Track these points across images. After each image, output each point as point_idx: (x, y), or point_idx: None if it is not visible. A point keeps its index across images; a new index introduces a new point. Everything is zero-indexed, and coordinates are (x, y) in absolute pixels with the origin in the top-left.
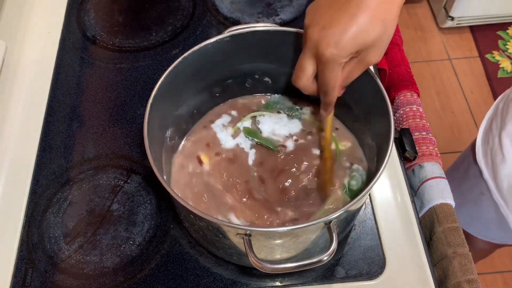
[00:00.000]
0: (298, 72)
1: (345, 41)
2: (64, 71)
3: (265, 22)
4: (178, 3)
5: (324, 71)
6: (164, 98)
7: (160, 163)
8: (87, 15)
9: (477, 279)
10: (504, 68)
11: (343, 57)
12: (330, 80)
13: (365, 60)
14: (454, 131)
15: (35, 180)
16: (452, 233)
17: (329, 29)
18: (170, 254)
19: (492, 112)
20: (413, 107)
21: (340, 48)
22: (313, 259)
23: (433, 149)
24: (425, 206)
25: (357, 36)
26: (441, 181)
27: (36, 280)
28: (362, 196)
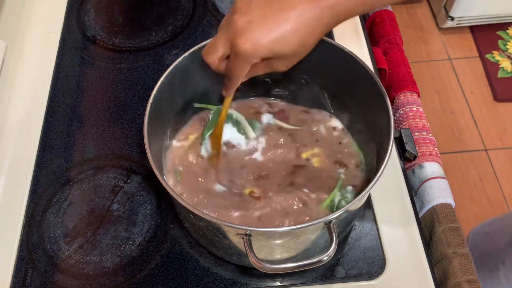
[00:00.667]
0: (209, 49)
1: (262, 45)
2: (64, 71)
3: None
4: (178, 3)
5: (234, 61)
6: (164, 98)
7: (160, 163)
8: (87, 15)
9: (477, 279)
10: (504, 68)
11: (255, 58)
12: (236, 72)
13: (272, 66)
14: (454, 131)
15: (35, 180)
16: (452, 233)
17: (255, 26)
18: (170, 254)
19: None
20: (413, 107)
21: (256, 49)
22: (313, 259)
23: (433, 149)
24: (425, 206)
25: (274, 45)
26: (441, 181)
27: (36, 280)
28: (362, 196)
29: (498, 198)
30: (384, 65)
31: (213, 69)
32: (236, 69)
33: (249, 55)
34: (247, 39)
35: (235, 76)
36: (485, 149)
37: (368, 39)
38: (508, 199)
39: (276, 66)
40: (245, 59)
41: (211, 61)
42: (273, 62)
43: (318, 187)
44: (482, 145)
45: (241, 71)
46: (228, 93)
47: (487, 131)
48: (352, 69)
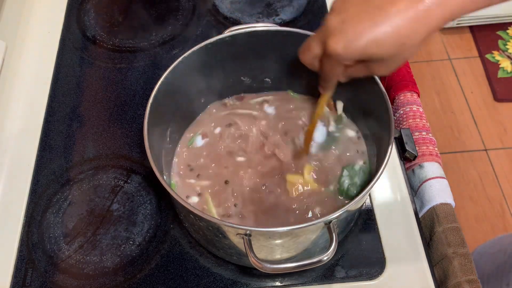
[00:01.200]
0: (304, 49)
1: (354, 47)
2: (64, 71)
3: (265, 22)
4: (178, 3)
5: (325, 62)
6: (164, 98)
7: (160, 163)
8: (87, 15)
9: (477, 279)
10: (504, 68)
11: (346, 59)
12: (328, 72)
13: (370, 69)
14: (454, 131)
15: (35, 180)
16: (452, 233)
17: (348, 26)
18: (170, 254)
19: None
20: (413, 107)
21: (347, 51)
22: (313, 259)
23: (433, 149)
24: (425, 206)
25: (368, 47)
26: (441, 181)
27: (36, 280)
28: (362, 196)
29: (498, 198)
30: None
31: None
32: (327, 70)
33: (339, 56)
34: (339, 40)
35: (328, 76)
36: (485, 149)
37: None
38: (508, 199)
39: (376, 69)
40: (336, 60)
41: (305, 60)
42: (371, 65)
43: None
44: (482, 145)
45: (333, 72)
46: (324, 91)
47: (487, 131)
48: None
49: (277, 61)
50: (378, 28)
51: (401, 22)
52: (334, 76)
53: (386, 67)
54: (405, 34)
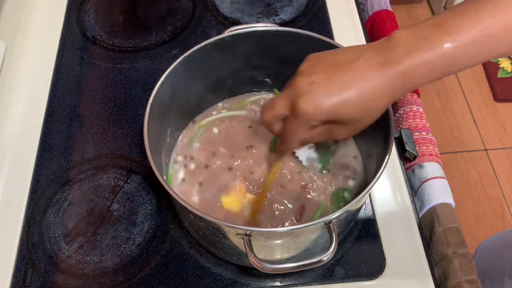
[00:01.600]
0: (268, 108)
1: (324, 107)
2: (64, 71)
3: (265, 22)
4: (178, 3)
5: (292, 122)
6: (164, 98)
7: (160, 163)
8: (87, 15)
9: (477, 279)
10: (504, 68)
11: (315, 120)
12: (293, 133)
13: (332, 132)
14: (454, 131)
15: (35, 180)
16: (452, 233)
17: (317, 87)
18: (170, 254)
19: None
20: (413, 107)
21: (317, 111)
22: (313, 259)
23: (433, 149)
24: (425, 206)
25: (337, 108)
26: (441, 181)
27: (36, 280)
28: (362, 196)
29: (498, 198)
30: None
31: (268, 130)
32: (293, 131)
33: (309, 116)
34: (309, 100)
35: (291, 138)
36: (485, 149)
37: (368, 39)
38: (508, 199)
39: (337, 133)
40: (305, 120)
41: (268, 120)
42: (334, 129)
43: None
44: (482, 145)
45: (298, 133)
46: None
47: (487, 131)
48: None
49: (277, 61)
50: (347, 91)
51: (368, 88)
52: (297, 138)
53: (348, 130)
54: (371, 99)
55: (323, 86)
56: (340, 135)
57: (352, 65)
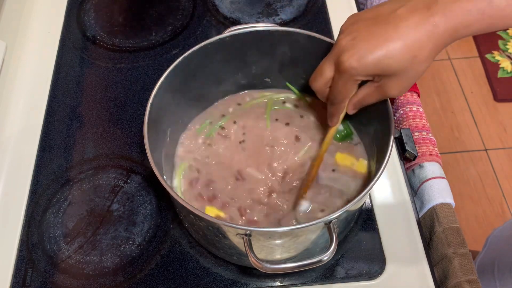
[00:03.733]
0: (316, 74)
1: (368, 60)
2: (64, 71)
3: (265, 22)
4: (178, 3)
5: (338, 80)
6: (164, 98)
7: (160, 163)
8: (87, 15)
9: (477, 279)
10: (504, 68)
11: (360, 74)
12: (340, 91)
13: (383, 88)
14: (454, 131)
15: (35, 180)
16: (452, 233)
17: (359, 42)
18: (170, 254)
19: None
20: (413, 107)
21: (361, 64)
22: (313, 259)
23: (433, 149)
24: (425, 206)
25: (382, 59)
26: (441, 181)
27: (36, 280)
28: (362, 196)
29: (498, 198)
30: None
31: (320, 97)
32: (339, 89)
33: (353, 70)
34: (352, 55)
35: (338, 98)
36: (485, 149)
37: None
38: (508, 199)
39: (388, 88)
40: (349, 75)
41: (318, 87)
42: (384, 85)
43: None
44: (482, 145)
45: (344, 91)
46: (333, 121)
47: (487, 131)
48: None
49: (277, 61)
50: (390, 42)
51: (412, 36)
52: (345, 97)
53: (399, 83)
54: (416, 47)
55: (365, 40)
56: (392, 90)
57: (393, 15)
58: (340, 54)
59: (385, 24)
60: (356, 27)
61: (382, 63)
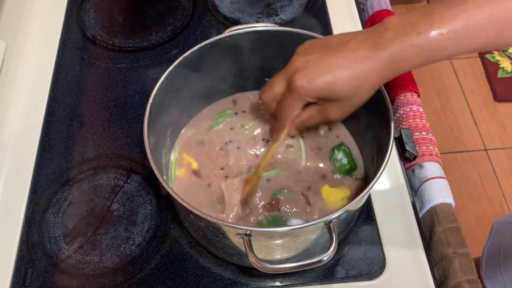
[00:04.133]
0: (266, 88)
1: (318, 83)
2: (64, 71)
3: (265, 22)
4: (178, 3)
5: (286, 98)
6: (164, 98)
7: (160, 163)
8: (87, 15)
9: (477, 279)
10: (504, 68)
11: (308, 95)
12: (286, 108)
13: (326, 111)
14: (454, 131)
15: (35, 180)
16: (452, 233)
17: (312, 64)
18: (170, 254)
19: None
20: (413, 107)
21: (311, 86)
22: (313, 259)
23: (433, 149)
24: (425, 206)
25: (330, 84)
26: (441, 181)
27: (36, 280)
28: (362, 196)
29: (498, 198)
30: None
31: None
32: (286, 106)
33: (303, 90)
34: (303, 75)
35: (284, 114)
36: (485, 149)
37: None
38: (508, 199)
39: (330, 112)
40: (299, 95)
41: (266, 100)
42: (327, 108)
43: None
44: (482, 145)
45: (291, 109)
46: (274, 137)
47: (487, 131)
48: None
49: (277, 61)
50: (339, 69)
51: (359, 68)
52: (291, 114)
53: (341, 109)
54: (361, 78)
55: (316, 64)
56: (333, 114)
57: (345, 46)
58: (293, 74)
59: (336, 52)
60: (311, 50)
61: (330, 87)
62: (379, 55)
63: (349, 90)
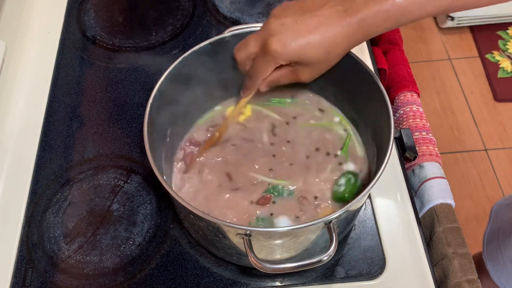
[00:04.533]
0: (241, 46)
1: (291, 47)
2: (64, 71)
3: None
4: (178, 3)
5: (260, 58)
6: (164, 98)
7: (160, 163)
8: (87, 15)
9: (477, 279)
10: (504, 68)
11: (281, 58)
12: (259, 69)
13: (296, 73)
14: (454, 131)
15: (35, 180)
16: (452, 233)
17: (287, 27)
18: (170, 254)
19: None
20: (413, 107)
21: (284, 50)
22: (313, 259)
23: (433, 149)
24: (425, 206)
25: (302, 49)
26: (441, 181)
27: (36, 280)
28: (362, 196)
29: (498, 198)
30: (384, 65)
31: (240, 68)
32: (261, 68)
33: (276, 54)
34: (278, 39)
35: (257, 75)
36: (485, 149)
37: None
38: None
39: (301, 74)
40: (272, 58)
41: (240, 58)
42: (298, 70)
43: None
44: (482, 145)
45: (265, 69)
46: (246, 93)
47: (487, 131)
48: (352, 69)
49: None
50: (311, 34)
51: (330, 33)
52: (263, 74)
53: (311, 72)
54: (332, 44)
55: (291, 28)
56: (303, 76)
57: (319, 11)
58: (268, 37)
59: (310, 18)
60: (286, 13)
61: (302, 51)
62: (350, 21)
63: (320, 55)
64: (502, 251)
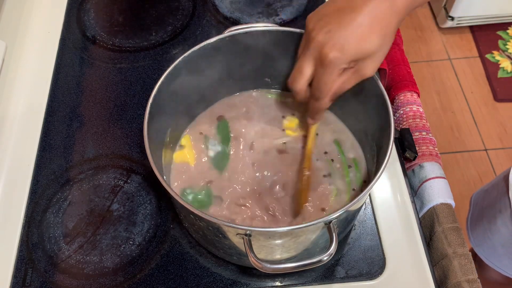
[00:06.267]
0: (296, 74)
1: (350, 46)
2: (64, 71)
3: (265, 22)
4: (178, 3)
5: (323, 74)
6: (164, 98)
7: (160, 163)
8: (87, 15)
9: (477, 279)
10: (504, 68)
11: (344, 62)
12: (326, 84)
13: (361, 71)
14: (454, 131)
15: (35, 180)
16: (452, 233)
17: (336, 32)
18: (170, 254)
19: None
20: (413, 107)
21: (345, 52)
22: (313, 259)
23: (433, 149)
24: (425, 206)
25: (359, 43)
26: (441, 181)
27: (36, 280)
28: (362, 196)
29: None
30: (384, 65)
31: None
32: (325, 81)
33: (338, 59)
34: (333, 45)
35: (324, 91)
36: (485, 149)
37: None
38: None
39: (365, 69)
40: (334, 66)
41: (299, 88)
42: (360, 67)
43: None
44: (482, 145)
45: (330, 82)
46: (316, 117)
47: (487, 131)
48: None
49: (277, 61)
50: (361, 27)
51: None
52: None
53: (374, 62)
54: (384, 25)
55: (339, 30)
56: (367, 70)
57: (353, 3)
58: (321, 48)
59: (350, 13)
60: (325, 21)
61: (360, 46)
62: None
63: (378, 42)
64: (490, 236)
